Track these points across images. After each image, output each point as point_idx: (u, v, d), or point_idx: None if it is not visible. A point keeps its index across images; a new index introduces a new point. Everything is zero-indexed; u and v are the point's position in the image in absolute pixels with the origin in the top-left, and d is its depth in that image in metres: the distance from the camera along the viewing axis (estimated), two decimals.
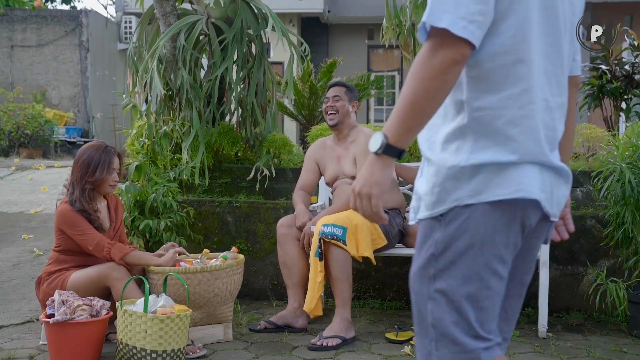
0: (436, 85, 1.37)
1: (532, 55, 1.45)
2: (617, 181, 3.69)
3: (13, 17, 13.54)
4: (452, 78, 1.37)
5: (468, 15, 1.35)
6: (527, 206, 1.46)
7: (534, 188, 1.46)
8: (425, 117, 1.40)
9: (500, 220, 1.45)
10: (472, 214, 1.44)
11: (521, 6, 1.42)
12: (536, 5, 1.45)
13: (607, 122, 6.04)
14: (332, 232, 3.46)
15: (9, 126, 10.73)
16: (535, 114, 1.46)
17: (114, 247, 3.34)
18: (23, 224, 5.80)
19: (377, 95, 11.97)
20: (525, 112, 1.44)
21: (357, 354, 3.29)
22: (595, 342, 3.56)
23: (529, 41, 1.44)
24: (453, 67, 1.36)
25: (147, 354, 2.98)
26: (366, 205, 1.49)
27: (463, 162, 1.43)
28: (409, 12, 6.10)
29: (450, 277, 1.47)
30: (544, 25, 1.47)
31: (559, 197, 1.55)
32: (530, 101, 1.45)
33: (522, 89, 1.44)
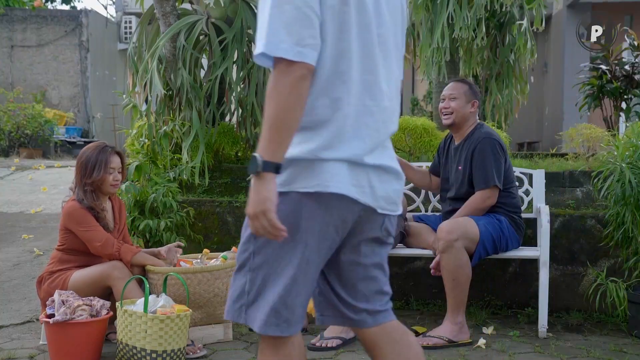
0: (292, 99, 1.57)
1: (349, 67, 1.64)
2: (617, 181, 3.69)
3: (13, 17, 13.54)
4: (304, 91, 1.58)
5: (300, 40, 1.56)
6: (334, 199, 1.63)
7: (340, 183, 1.63)
8: (290, 130, 1.59)
9: (311, 209, 1.63)
10: (284, 201, 1.62)
11: (337, 23, 1.62)
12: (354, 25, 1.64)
13: (607, 122, 6.04)
14: None
15: (9, 126, 10.73)
16: (348, 118, 1.65)
17: (123, 246, 3.37)
18: (23, 224, 5.79)
19: None
20: (337, 116, 1.64)
21: (357, 354, 3.29)
22: (595, 342, 3.56)
23: (345, 55, 1.64)
24: (302, 82, 1.57)
25: (147, 354, 2.98)
26: (264, 223, 1.58)
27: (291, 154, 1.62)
28: (409, 12, 6.10)
29: (262, 255, 1.66)
30: (360, 39, 1.66)
31: (387, 191, 1.73)
32: (343, 107, 1.64)
33: (336, 98, 1.64)
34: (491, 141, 3.64)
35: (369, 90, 1.69)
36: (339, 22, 1.62)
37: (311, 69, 1.59)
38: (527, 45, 5.85)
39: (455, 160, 3.77)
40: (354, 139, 1.65)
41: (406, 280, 4.37)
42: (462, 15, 5.47)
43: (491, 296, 4.24)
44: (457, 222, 3.53)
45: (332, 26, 1.62)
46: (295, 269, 1.65)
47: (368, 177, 1.69)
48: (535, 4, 6.04)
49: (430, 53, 5.72)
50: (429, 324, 3.82)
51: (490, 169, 3.59)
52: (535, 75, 13.37)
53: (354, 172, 1.66)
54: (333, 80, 1.64)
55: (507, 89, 6.10)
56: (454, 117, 3.75)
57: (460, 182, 3.72)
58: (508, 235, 3.63)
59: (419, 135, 4.91)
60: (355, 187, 1.66)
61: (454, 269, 3.43)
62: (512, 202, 3.71)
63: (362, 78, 1.68)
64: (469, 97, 3.75)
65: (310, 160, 1.63)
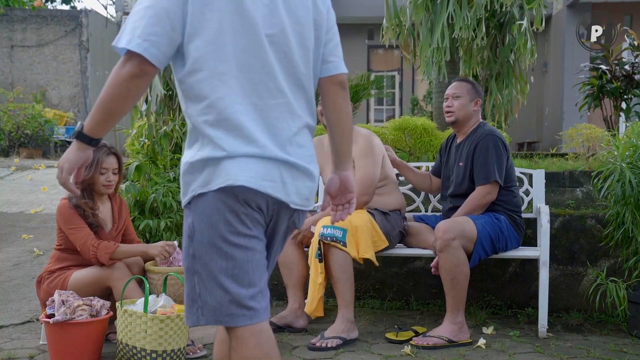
0: (121, 92, 1.69)
1: (227, 69, 1.73)
2: (617, 181, 3.69)
3: (13, 17, 13.54)
4: (134, 88, 1.70)
5: (143, 35, 1.67)
6: (246, 192, 1.72)
7: (249, 177, 1.72)
8: (112, 116, 1.73)
9: (227, 203, 1.72)
10: (205, 201, 1.73)
11: (209, 30, 1.72)
12: (229, 27, 1.73)
13: (607, 122, 6.05)
14: (332, 233, 3.46)
15: (9, 126, 10.73)
16: (238, 116, 1.73)
17: (99, 249, 3.28)
18: (23, 224, 5.80)
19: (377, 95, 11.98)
20: (225, 115, 1.72)
21: (357, 354, 3.29)
22: (595, 342, 3.56)
23: (222, 59, 1.73)
24: (134, 79, 1.68)
25: (147, 354, 2.98)
26: (59, 175, 1.79)
27: (191, 158, 1.75)
28: (409, 12, 6.10)
29: (204, 255, 1.73)
30: (241, 42, 1.75)
31: (298, 187, 1.81)
32: (228, 106, 1.73)
33: (217, 98, 1.72)
34: (494, 138, 3.65)
35: (255, 89, 1.77)
36: (213, 31, 1.72)
37: (147, 70, 1.69)
38: (527, 45, 5.85)
39: (457, 157, 3.78)
40: (252, 135, 1.73)
41: (406, 280, 4.37)
42: (462, 15, 5.47)
43: (491, 296, 4.24)
44: (454, 221, 3.53)
45: (206, 35, 1.72)
46: (237, 258, 1.72)
47: (280, 172, 1.77)
48: (535, 4, 6.04)
49: (430, 53, 5.72)
50: (429, 324, 3.82)
51: (492, 164, 3.60)
52: (535, 75, 13.36)
53: (265, 165, 1.74)
54: (213, 81, 1.73)
55: (507, 89, 6.10)
56: (457, 115, 3.77)
57: (461, 178, 3.72)
58: (507, 234, 3.63)
59: (419, 135, 4.91)
60: (268, 181, 1.75)
61: (452, 268, 3.43)
62: (513, 201, 3.71)
63: (247, 78, 1.76)
64: (472, 95, 3.77)
65: (220, 159, 1.72)
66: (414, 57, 6.39)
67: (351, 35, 15.07)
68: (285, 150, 1.78)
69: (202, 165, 1.73)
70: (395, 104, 15.33)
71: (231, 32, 1.74)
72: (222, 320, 1.73)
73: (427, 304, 4.33)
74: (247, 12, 1.75)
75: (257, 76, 1.77)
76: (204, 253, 1.73)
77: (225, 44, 1.73)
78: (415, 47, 6.31)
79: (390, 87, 15.09)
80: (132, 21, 1.70)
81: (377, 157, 3.72)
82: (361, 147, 3.74)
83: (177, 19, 1.70)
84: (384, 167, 3.80)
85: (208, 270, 1.72)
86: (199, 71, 1.73)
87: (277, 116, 1.79)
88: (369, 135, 3.77)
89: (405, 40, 6.33)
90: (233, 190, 1.71)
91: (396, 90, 15.28)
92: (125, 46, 1.67)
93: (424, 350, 3.34)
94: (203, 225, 1.73)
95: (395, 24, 6.19)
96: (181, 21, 1.71)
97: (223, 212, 1.72)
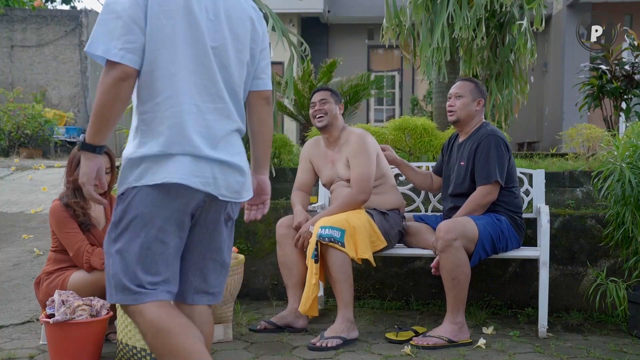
0: (111, 97, 1.87)
1: (177, 71, 1.94)
2: (617, 181, 3.69)
3: (13, 17, 13.53)
4: (123, 91, 1.88)
5: (119, 44, 1.86)
6: (179, 188, 1.93)
7: (182, 174, 1.92)
8: (109, 121, 1.91)
9: (158, 199, 1.92)
10: (137, 193, 1.93)
11: (164, 34, 1.91)
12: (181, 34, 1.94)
13: (607, 122, 6.05)
14: (330, 234, 3.46)
15: (9, 126, 10.72)
16: (182, 115, 1.93)
17: (93, 254, 3.29)
18: (23, 224, 5.80)
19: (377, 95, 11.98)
20: (170, 114, 1.92)
21: (357, 354, 3.29)
22: (595, 342, 3.56)
23: (173, 62, 1.93)
24: (120, 82, 1.87)
25: (147, 353, 2.98)
26: (86, 193, 1.97)
27: (130, 155, 1.94)
28: (409, 12, 6.10)
29: (123, 241, 1.94)
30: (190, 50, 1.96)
31: (229, 182, 2.02)
32: (174, 105, 1.93)
33: (166, 97, 1.92)
34: (496, 138, 3.65)
35: (199, 93, 1.98)
36: (167, 35, 1.92)
37: (130, 72, 1.88)
38: (527, 45, 5.85)
39: (459, 156, 3.78)
40: (190, 135, 1.94)
41: (406, 280, 4.37)
42: (462, 15, 5.47)
43: (491, 296, 4.24)
44: (455, 221, 3.53)
45: (161, 38, 1.91)
46: (151, 249, 1.93)
47: (211, 169, 1.98)
48: (535, 4, 6.04)
49: (430, 53, 5.72)
50: (429, 324, 3.82)
51: (493, 164, 3.60)
52: (535, 75, 13.37)
53: (197, 164, 1.95)
54: (164, 83, 1.92)
55: (507, 89, 6.10)
56: (458, 114, 3.78)
57: (462, 177, 3.72)
58: (508, 235, 3.63)
59: (419, 135, 4.91)
60: (198, 177, 1.95)
61: (453, 269, 3.43)
62: (514, 202, 3.71)
63: (193, 82, 1.97)
64: (474, 95, 3.78)
65: (156, 156, 1.92)
66: (414, 57, 6.39)
67: (351, 35, 15.08)
68: (217, 149, 1.99)
69: (140, 161, 1.93)
70: (395, 104, 15.33)
71: (183, 39, 1.95)
72: (128, 299, 1.94)
73: (427, 304, 4.33)
74: (197, 24, 1.98)
75: (201, 81, 1.99)
76: (125, 240, 1.94)
77: (177, 49, 1.94)
78: (415, 47, 6.31)
79: (390, 87, 15.09)
80: (106, 31, 1.87)
81: (371, 155, 3.72)
82: (354, 146, 3.74)
83: (143, 24, 1.90)
84: (380, 165, 3.80)
85: (123, 255, 1.93)
86: (152, 71, 1.92)
87: (215, 118, 2.01)
88: (362, 134, 3.77)
89: (405, 40, 6.33)
90: (165, 187, 1.91)
91: (396, 90, 15.28)
92: (103, 55, 1.86)
93: (424, 350, 3.34)
94: (130, 216, 1.93)
95: (395, 24, 6.19)
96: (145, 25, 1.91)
97: (150, 207, 1.92)
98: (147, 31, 1.90)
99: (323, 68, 9.38)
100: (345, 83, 9.55)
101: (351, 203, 3.66)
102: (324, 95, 3.86)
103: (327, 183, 3.95)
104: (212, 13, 2.02)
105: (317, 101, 3.86)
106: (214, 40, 2.01)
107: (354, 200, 3.67)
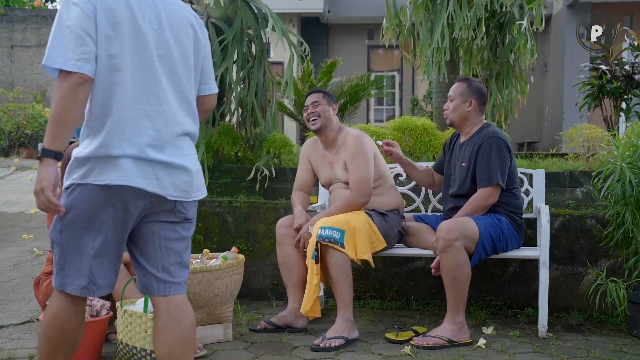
0: (69, 102, 1.98)
1: (124, 78, 2.06)
2: (617, 181, 3.69)
3: (13, 17, 13.53)
4: (79, 95, 2.00)
5: (75, 55, 1.99)
6: (122, 189, 2.05)
7: (124, 176, 2.04)
8: (66, 125, 2.00)
9: (99, 198, 2.05)
10: (82, 191, 2.06)
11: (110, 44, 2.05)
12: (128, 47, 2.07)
13: (607, 122, 6.05)
14: (330, 235, 3.46)
15: (9, 126, 10.73)
16: (126, 119, 2.06)
17: None
18: (23, 224, 5.80)
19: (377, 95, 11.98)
20: (114, 118, 2.05)
21: (357, 354, 3.29)
22: (595, 342, 3.56)
23: (121, 69, 2.06)
24: (78, 87, 1.99)
25: (147, 354, 2.98)
26: (43, 198, 2.01)
27: (77, 154, 2.08)
28: (409, 12, 6.09)
29: (67, 233, 2.09)
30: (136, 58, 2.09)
31: (175, 182, 2.14)
32: (119, 110, 2.05)
33: (111, 102, 2.06)
34: (498, 140, 3.64)
35: (146, 97, 2.11)
36: (114, 44, 2.05)
37: (86, 78, 2.00)
38: (527, 45, 5.85)
39: (460, 157, 3.78)
40: (134, 138, 2.06)
41: (406, 280, 4.37)
42: (462, 15, 5.46)
43: (491, 296, 4.24)
44: (456, 221, 3.53)
45: (107, 47, 2.05)
46: (94, 245, 2.08)
47: (154, 170, 2.10)
48: (535, 4, 6.03)
49: (430, 53, 5.71)
50: (429, 324, 3.82)
51: (495, 167, 3.59)
52: (535, 75, 13.37)
53: (140, 166, 2.07)
54: (110, 88, 2.05)
55: (507, 89, 6.10)
56: (450, 117, 3.80)
57: (463, 179, 3.72)
58: (508, 235, 3.63)
59: (419, 135, 4.91)
60: (141, 178, 2.07)
61: (454, 269, 3.43)
62: (515, 203, 3.71)
63: (139, 88, 2.09)
64: (465, 96, 3.77)
65: (101, 157, 2.05)
66: (414, 57, 6.39)
67: (351, 35, 15.08)
68: (163, 151, 2.12)
69: (85, 161, 2.06)
70: (395, 104, 15.33)
71: (129, 48, 2.09)
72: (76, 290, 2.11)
73: (427, 304, 4.33)
74: (142, 33, 2.12)
75: (148, 87, 2.12)
76: (66, 233, 2.08)
77: (124, 58, 2.07)
78: (415, 47, 6.30)
79: (390, 87, 15.09)
80: (62, 45, 2.00)
81: (369, 156, 3.72)
82: (351, 148, 3.73)
83: (94, 35, 2.03)
84: (378, 166, 3.79)
85: (69, 246, 2.09)
86: (102, 79, 2.05)
87: (163, 122, 2.13)
88: (359, 136, 3.76)
89: (405, 40, 6.33)
90: (108, 187, 2.04)
91: (396, 90, 15.27)
92: (62, 67, 1.98)
93: (424, 350, 3.34)
94: (75, 210, 2.07)
95: (395, 24, 6.18)
96: (96, 36, 2.04)
97: (93, 205, 2.06)
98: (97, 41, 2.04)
99: (323, 68, 9.39)
100: (345, 83, 9.56)
101: (351, 206, 3.66)
102: (316, 98, 3.86)
103: (325, 184, 3.95)
104: (155, 23, 2.16)
105: (309, 104, 3.86)
106: (159, 48, 2.16)
107: (354, 203, 3.66)
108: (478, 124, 3.79)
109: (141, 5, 2.14)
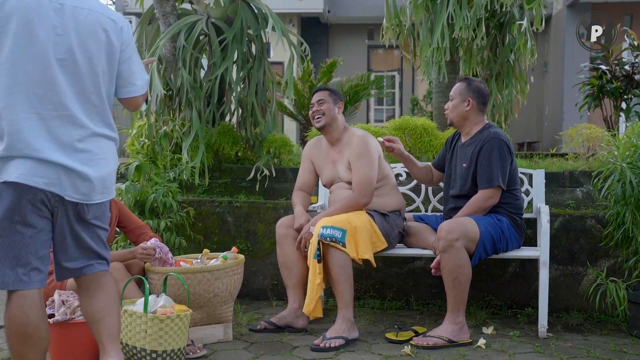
0: None
1: (14, 83, 2.20)
2: (617, 181, 3.69)
3: None
4: None
5: None
6: (22, 186, 2.21)
7: (20, 174, 2.20)
8: None
9: (5, 195, 2.22)
10: None
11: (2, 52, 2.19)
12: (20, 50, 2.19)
13: (607, 122, 6.05)
14: (331, 234, 3.46)
15: None
16: (19, 123, 2.20)
17: None
18: None
19: (377, 95, 11.98)
20: (7, 122, 2.20)
21: (357, 354, 3.29)
22: (595, 342, 3.56)
23: (12, 75, 2.20)
24: None
25: (147, 354, 2.98)
26: None
27: None
28: (409, 12, 6.10)
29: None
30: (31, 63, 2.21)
31: (76, 185, 2.28)
32: (12, 114, 2.20)
33: (3, 107, 2.20)
34: (499, 141, 3.64)
35: (42, 102, 2.22)
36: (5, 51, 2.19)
37: None
38: (527, 45, 5.85)
39: (461, 157, 3.77)
40: (29, 140, 2.19)
41: (406, 280, 4.37)
42: (462, 15, 5.46)
43: (491, 296, 4.24)
44: (457, 221, 3.53)
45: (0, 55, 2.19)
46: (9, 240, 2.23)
47: (56, 171, 2.23)
48: (535, 4, 6.03)
49: (430, 53, 5.71)
50: (429, 324, 3.82)
51: (496, 168, 3.59)
52: (535, 75, 13.37)
53: (39, 166, 2.22)
54: (5, 93, 2.19)
55: (507, 89, 6.10)
56: (450, 117, 3.81)
57: (464, 179, 3.71)
58: (508, 235, 3.63)
59: (419, 135, 4.91)
60: (40, 177, 2.22)
61: (454, 269, 3.42)
62: (515, 204, 3.71)
63: (33, 92, 2.21)
64: (463, 96, 3.77)
65: (4, 157, 2.21)
66: (414, 57, 6.39)
67: (351, 35, 15.08)
68: (65, 153, 2.24)
69: None
70: (395, 104, 15.33)
71: (22, 54, 2.20)
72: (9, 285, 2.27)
73: (427, 304, 4.33)
74: (37, 40, 2.22)
75: (42, 91, 2.22)
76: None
77: (16, 64, 2.20)
78: (415, 47, 6.31)
79: (390, 87, 15.09)
80: None
81: (373, 157, 3.72)
82: (356, 148, 3.73)
83: None
84: (381, 167, 3.79)
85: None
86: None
87: (59, 125, 2.24)
88: (364, 136, 3.76)
89: (405, 40, 6.33)
90: (10, 185, 2.20)
91: (396, 90, 15.28)
92: None
93: (424, 350, 3.34)
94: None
95: (395, 24, 6.19)
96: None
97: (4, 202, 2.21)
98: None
99: (323, 68, 9.39)
100: (345, 83, 9.56)
101: (352, 206, 3.66)
102: (322, 96, 3.86)
103: (327, 183, 3.94)
104: (60, 28, 2.26)
105: (315, 102, 3.86)
106: (60, 53, 2.26)
107: (355, 203, 3.66)
108: (479, 124, 3.78)
109: (44, 11, 2.24)
